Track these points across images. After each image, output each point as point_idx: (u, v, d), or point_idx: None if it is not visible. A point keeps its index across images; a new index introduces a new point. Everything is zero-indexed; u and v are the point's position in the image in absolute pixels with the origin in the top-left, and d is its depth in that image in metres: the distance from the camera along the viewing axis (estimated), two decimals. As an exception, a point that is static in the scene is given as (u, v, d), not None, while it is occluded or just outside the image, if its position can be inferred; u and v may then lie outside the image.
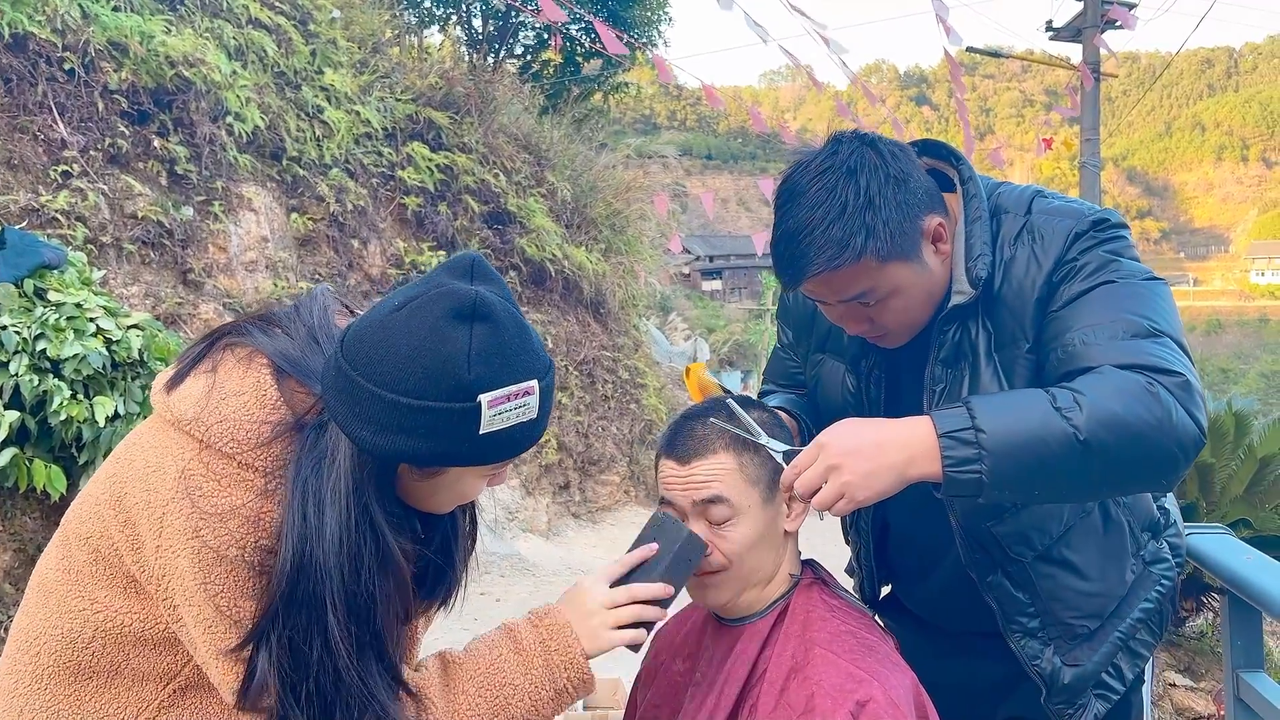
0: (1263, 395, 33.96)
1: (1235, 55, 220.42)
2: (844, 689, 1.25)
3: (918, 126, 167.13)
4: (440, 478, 1.12)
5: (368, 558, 1.07)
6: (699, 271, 59.45)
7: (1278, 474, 6.58)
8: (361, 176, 7.32)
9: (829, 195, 1.34)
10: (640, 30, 12.49)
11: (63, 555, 1.16)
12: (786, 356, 1.81)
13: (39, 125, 5.06)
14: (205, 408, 1.11)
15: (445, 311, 1.03)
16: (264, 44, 6.60)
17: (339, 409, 1.06)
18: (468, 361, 1.02)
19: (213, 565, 1.06)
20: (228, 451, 1.08)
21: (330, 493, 1.06)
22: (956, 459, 1.21)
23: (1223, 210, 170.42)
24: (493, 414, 1.04)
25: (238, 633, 1.07)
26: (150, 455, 1.12)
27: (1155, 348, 1.28)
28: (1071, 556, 1.51)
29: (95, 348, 3.64)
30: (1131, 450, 1.21)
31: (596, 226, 9.77)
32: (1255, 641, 1.79)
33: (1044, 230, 1.43)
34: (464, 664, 1.21)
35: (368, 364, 1.03)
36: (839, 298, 1.40)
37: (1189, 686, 6.08)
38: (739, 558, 1.38)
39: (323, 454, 1.07)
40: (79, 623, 1.12)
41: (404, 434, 1.03)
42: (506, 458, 1.10)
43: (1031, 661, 1.51)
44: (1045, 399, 1.23)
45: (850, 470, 1.23)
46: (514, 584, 6.38)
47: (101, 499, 1.14)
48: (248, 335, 1.17)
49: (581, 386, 8.97)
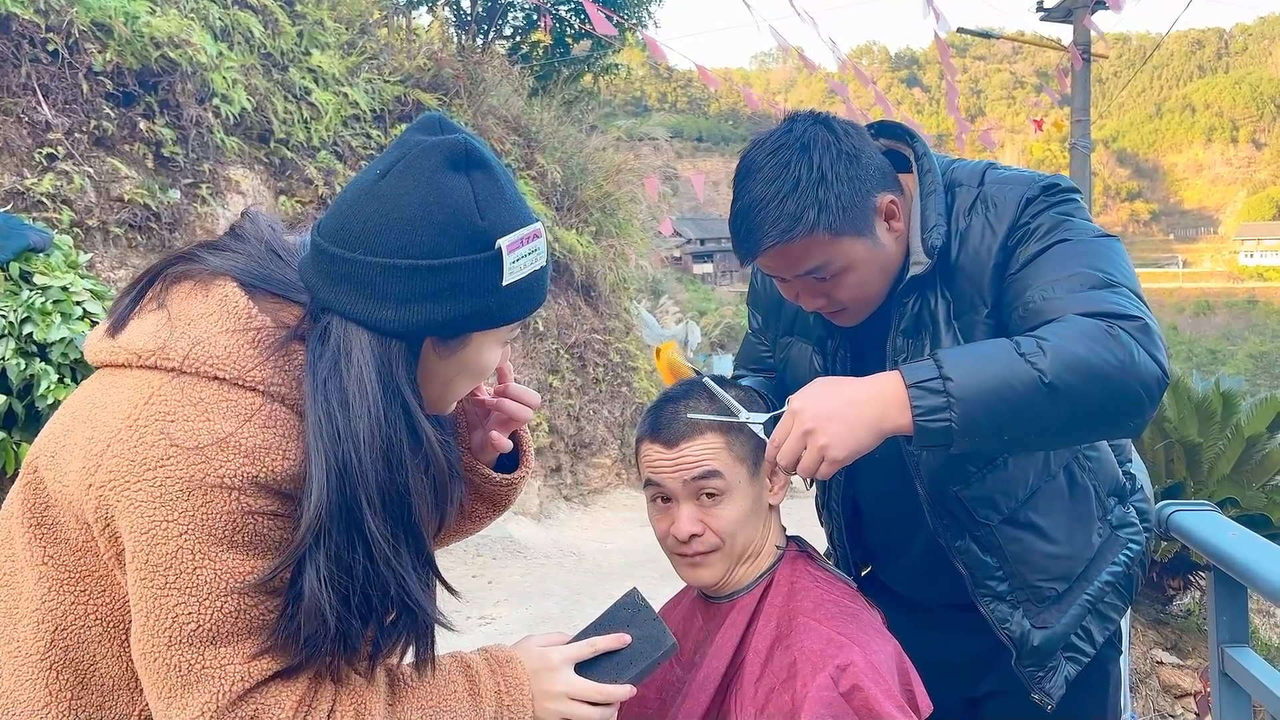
0: (1250, 375, 34.15)
1: (1226, 36, 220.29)
2: (825, 653, 1.27)
3: (909, 108, 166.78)
4: (462, 353, 1.05)
5: (403, 451, 0.99)
6: (690, 255, 59.39)
7: (1265, 453, 6.63)
8: (350, 159, 7.27)
9: (782, 171, 1.37)
10: (630, 11, 12.41)
11: (5, 557, 1.04)
12: (757, 341, 1.83)
13: (23, 107, 5.01)
14: (170, 335, 0.98)
15: (439, 164, 0.97)
16: (250, 25, 6.53)
17: (344, 299, 0.98)
18: (477, 208, 0.98)
19: (178, 500, 0.91)
20: (213, 373, 0.96)
21: (356, 390, 0.96)
22: (926, 408, 1.22)
23: (1212, 192, 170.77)
24: (512, 260, 1.00)
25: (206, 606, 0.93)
26: (94, 397, 0.99)
27: (1114, 296, 1.31)
28: (1038, 520, 1.54)
29: (82, 331, 3.62)
30: (1097, 392, 1.23)
31: (587, 209, 9.74)
32: (1240, 617, 1.80)
33: (996, 198, 1.46)
34: (414, 689, 1.08)
35: (368, 239, 0.96)
36: (794, 272, 1.44)
37: (1175, 664, 6.13)
38: (730, 535, 1.40)
39: (336, 354, 0.98)
40: (32, 628, 1.01)
41: (429, 300, 0.97)
42: (527, 311, 1.05)
43: (1001, 625, 1.54)
44: (1010, 346, 1.25)
45: (825, 432, 1.24)
46: (505, 566, 6.39)
47: (31, 468, 1.02)
48: (196, 261, 1.04)
49: (573, 370, 8.96)
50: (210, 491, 0.92)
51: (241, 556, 0.95)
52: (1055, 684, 1.55)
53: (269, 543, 0.97)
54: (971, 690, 1.70)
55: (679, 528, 1.40)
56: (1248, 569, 1.63)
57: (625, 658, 1.24)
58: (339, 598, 0.97)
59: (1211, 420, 6.78)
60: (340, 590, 0.97)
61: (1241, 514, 6.04)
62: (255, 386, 0.97)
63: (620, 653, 1.25)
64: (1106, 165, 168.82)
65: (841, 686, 1.23)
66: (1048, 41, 14.97)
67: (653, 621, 1.27)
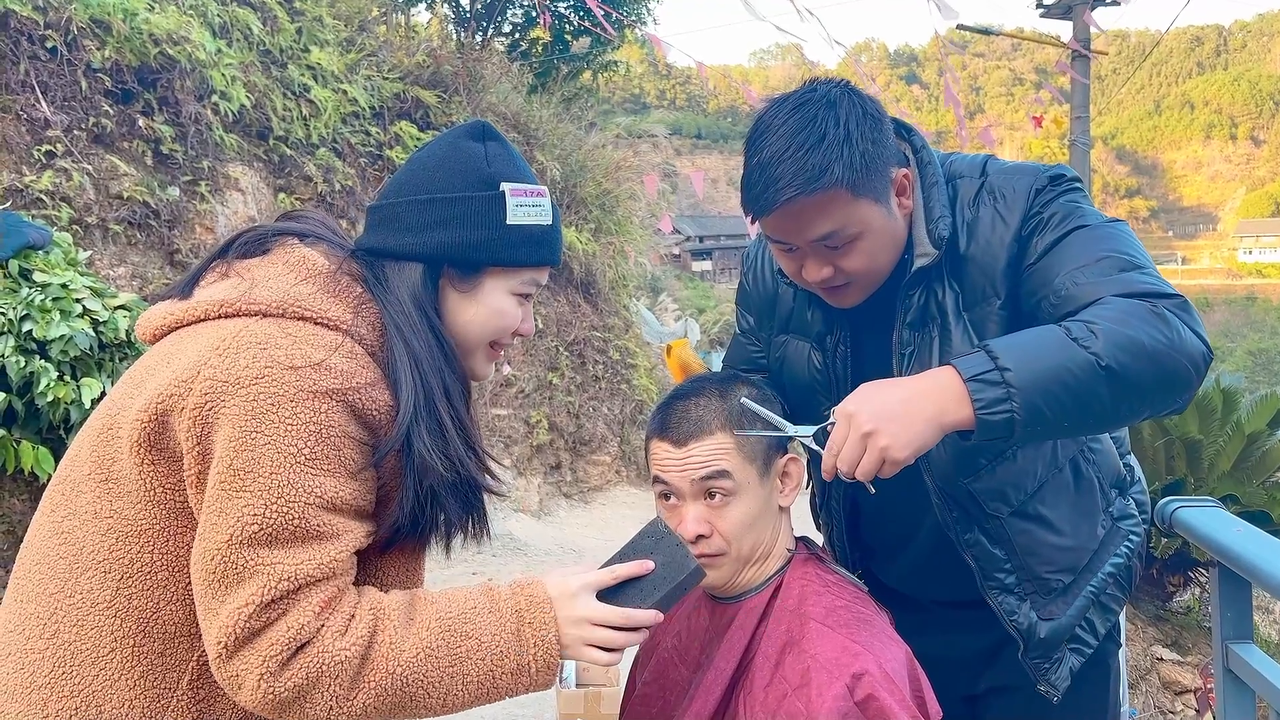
0: (1250, 372, 34.15)
1: (1225, 33, 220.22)
2: (839, 662, 1.26)
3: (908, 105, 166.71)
4: (478, 293, 1.22)
5: (446, 364, 1.18)
6: (689, 252, 59.37)
7: (1265, 450, 6.64)
8: (349, 156, 7.26)
9: (808, 124, 1.34)
10: (629, 8, 12.39)
11: (64, 516, 1.10)
12: (747, 341, 1.80)
13: (21, 104, 5.00)
14: (251, 287, 1.11)
15: (460, 134, 1.25)
16: (249, 21, 6.52)
17: (384, 238, 1.19)
18: (486, 160, 1.21)
19: (270, 412, 1.02)
20: (299, 313, 1.10)
21: (404, 317, 1.16)
22: (987, 400, 1.19)
23: (1211, 189, 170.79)
24: (515, 203, 1.20)
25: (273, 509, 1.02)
26: (168, 352, 1.09)
27: (1145, 277, 1.31)
28: (1046, 512, 1.53)
29: (82, 329, 3.62)
30: (1151, 371, 1.22)
31: (586, 206, 9.73)
32: (1245, 613, 1.79)
33: (1003, 189, 1.44)
34: (434, 601, 1.14)
35: (398, 187, 1.22)
36: (807, 236, 1.38)
37: (1176, 660, 6.14)
38: (738, 538, 1.38)
39: (382, 284, 1.17)
40: (98, 578, 1.06)
41: (441, 227, 1.18)
42: (533, 261, 1.23)
43: (1009, 617, 1.53)
44: (1060, 332, 1.24)
45: (886, 434, 1.21)
46: (506, 564, 6.39)
47: (97, 428, 1.10)
48: (255, 233, 1.21)
49: (572, 367, 8.96)
50: (302, 407, 1.03)
51: (316, 472, 1.05)
52: (1060, 675, 1.55)
53: (344, 464, 1.07)
54: (971, 688, 1.69)
55: (685, 528, 1.37)
56: (1253, 565, 1.62)
57: (650, 584, 1.22)
58: (430, 477, 1.13)
59: (1212, 417, 6.79)
60: (432, 467, 1.13)
61: (1242, 510, 6.04)
62: (336, 325, 1.11)
63: (645, 579, 1.23)
64: (1106, 162, 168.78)
65: (857, 696, 1.23)
66: (1047, 38, 14.96)
67: (677, 548, 1.25)
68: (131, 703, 1.05)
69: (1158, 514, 1.83)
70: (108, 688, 1.05)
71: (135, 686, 1.06)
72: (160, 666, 1.06)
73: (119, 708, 1.05)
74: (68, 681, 1.05)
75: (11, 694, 1.06)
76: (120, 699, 1.05)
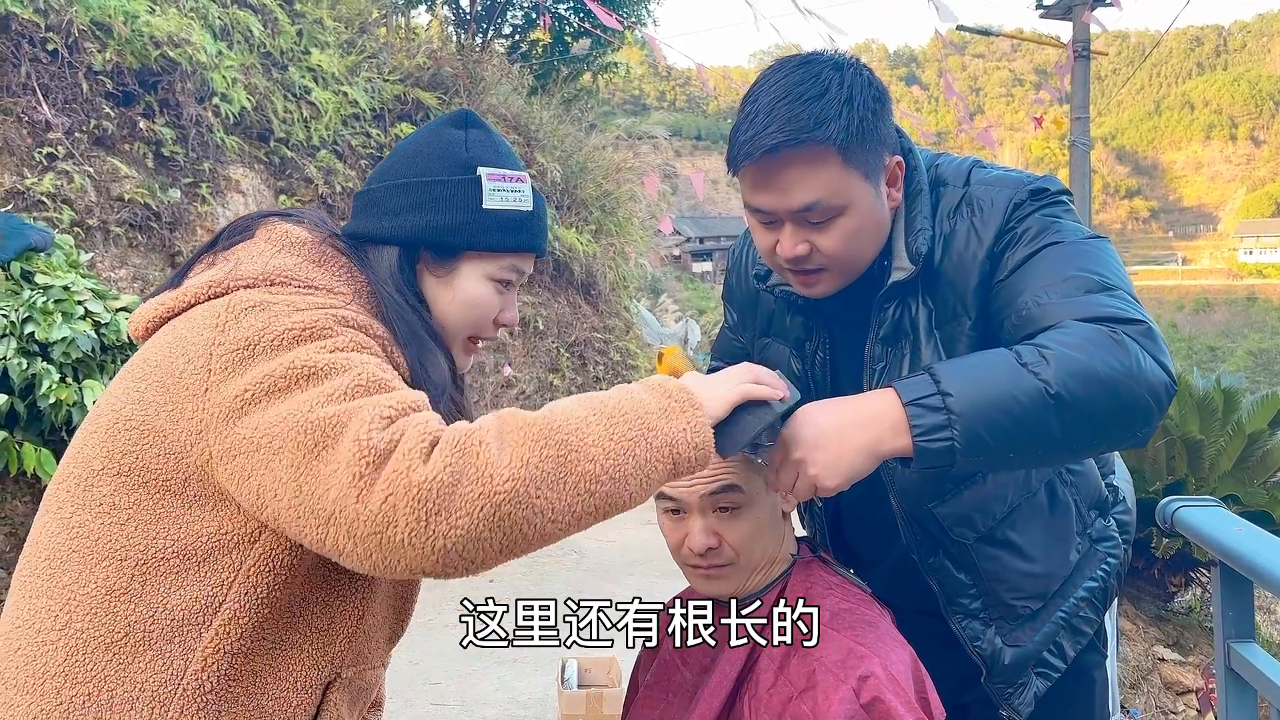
0: (1250, 373, 34.16)
1: (1224, 33, 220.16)
2: (845, 665, 1.26)
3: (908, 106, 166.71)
4: (455, 279, 1.21)
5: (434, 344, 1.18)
6: (689, 253, 59.34)
7: (1265, 450, 6.64)
8: (350, 158, 7.26)
9: (812, 78, 1.28)
10: (629, 9, 12.40)
11: (74, 510, 1.10)
12: (733, 336, 1.78)
13: (23, 107, 5.01)
14: (235, 266, 1.12)
15: (443, 122, 1.25)
16: (250, 24, 6.52)
17: (364, 223, 1.21)
18: (465, 145, 1.21)
19: (292, 346, 1.01)
20: (287, 279, 1.10)
21: (390, 294, 1.16)
22: (925, 427, 1.13)
23: (1211, 189, 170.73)
24: (492, 187, 1.20)
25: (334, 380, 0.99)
26: (167, 342, 1.08)
27: (1111, 300, 1.24)
28: (1015, 538, 1.47)
29: (84, 331, 3.62)
30: (1104, 401, 1.15)
31: (587, 208, 9.73)
32: (1247, 613, 1.79)
33: (983, 202, 1.38)
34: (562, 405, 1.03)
35: (380, 174, 1.23)
36: (788, 203, 1.30)
37: (1177, 661, 6.14)
38: (748, 549, 1.38)
39: (373, 271, 1.18)
40: (114, 567, 1.06)
41: (418, 210, 1.19)
42: (510, 245, 1.21)
43: (973, 643, 1.49)
44: (1010, 356, 1.18)
45: (813, 462, 1.17)
46: (507, 563, 6.37)
47: (105, 423, 1.09)
48: (244, 221, 1.21)
49: (573, 368, 8.96)
50: (320, 331, 1.04)
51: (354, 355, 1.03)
52: (1024, 701, 1.50)
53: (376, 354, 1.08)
54: (958, 697, 1.67)
55: (694, 540, 1.36)
56: (1255, 564, 1.62)
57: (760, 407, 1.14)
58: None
59: (1213, 417, 6.79)
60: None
61: (1243, 510, 6.04)
62: (327, 287, 1.12)
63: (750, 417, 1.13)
64: (1106, 163, 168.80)
65: (863, 698, 1.23)
66: (1047, 39, 14.96)
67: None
68: (143, 686, 1.06)
69: (1159, 513, 1.83)
70: (120, 673, 1.06)
71: (146, 670, 1.06)
72: (170, 652, 1.07)
73: (130, 691, 1.06)
74: (80, 669, 1.06)
75: (21, 688, 1.07)
76: (133, 682, 1.06)
